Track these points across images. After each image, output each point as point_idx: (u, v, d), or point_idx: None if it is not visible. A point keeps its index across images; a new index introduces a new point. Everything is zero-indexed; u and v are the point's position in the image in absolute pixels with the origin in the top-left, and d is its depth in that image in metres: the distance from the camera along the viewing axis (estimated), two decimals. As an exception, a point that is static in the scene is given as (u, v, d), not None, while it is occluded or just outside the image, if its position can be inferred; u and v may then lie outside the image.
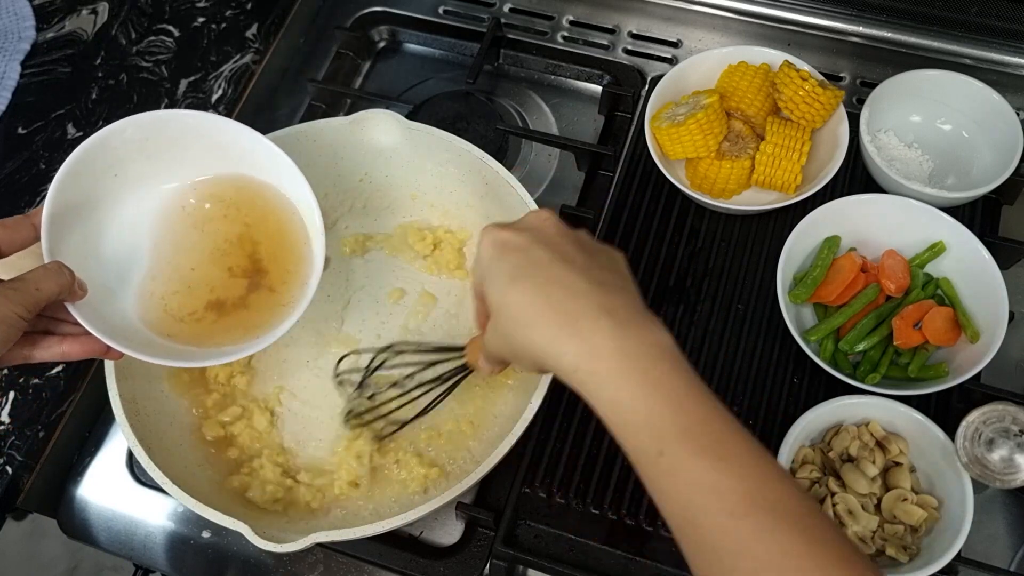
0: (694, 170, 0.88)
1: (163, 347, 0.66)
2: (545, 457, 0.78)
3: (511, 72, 1.02)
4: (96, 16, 1.03)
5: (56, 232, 0.61)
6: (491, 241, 0.57)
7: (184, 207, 0.70)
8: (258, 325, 0.68)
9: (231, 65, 0.99)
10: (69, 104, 0.96)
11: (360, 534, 0.64)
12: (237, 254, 0.70)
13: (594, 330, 0.50)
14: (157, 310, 0.67)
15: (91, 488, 0.81)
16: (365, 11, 1.06)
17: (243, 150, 0.68)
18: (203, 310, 0.68)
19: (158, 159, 0.67)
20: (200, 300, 0.68)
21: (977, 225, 0.85)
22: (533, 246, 0.55)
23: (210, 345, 0.67)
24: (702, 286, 0.85)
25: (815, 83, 0.83)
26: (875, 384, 0.75)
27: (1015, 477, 0.68)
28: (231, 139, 0.68)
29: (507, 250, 0.55)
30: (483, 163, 0.78)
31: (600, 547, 0.74)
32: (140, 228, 0.68)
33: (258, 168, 0.69)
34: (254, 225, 0.70)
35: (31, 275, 0.57)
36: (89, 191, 0.65)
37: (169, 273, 0.69)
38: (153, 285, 0.68)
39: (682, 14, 1.03)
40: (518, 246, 0.55)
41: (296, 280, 0.69)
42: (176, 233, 0.69)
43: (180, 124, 0.67)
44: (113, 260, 0.67)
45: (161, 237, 0.69)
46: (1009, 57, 0.96)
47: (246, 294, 0.69)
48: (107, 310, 0.64)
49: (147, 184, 0.68)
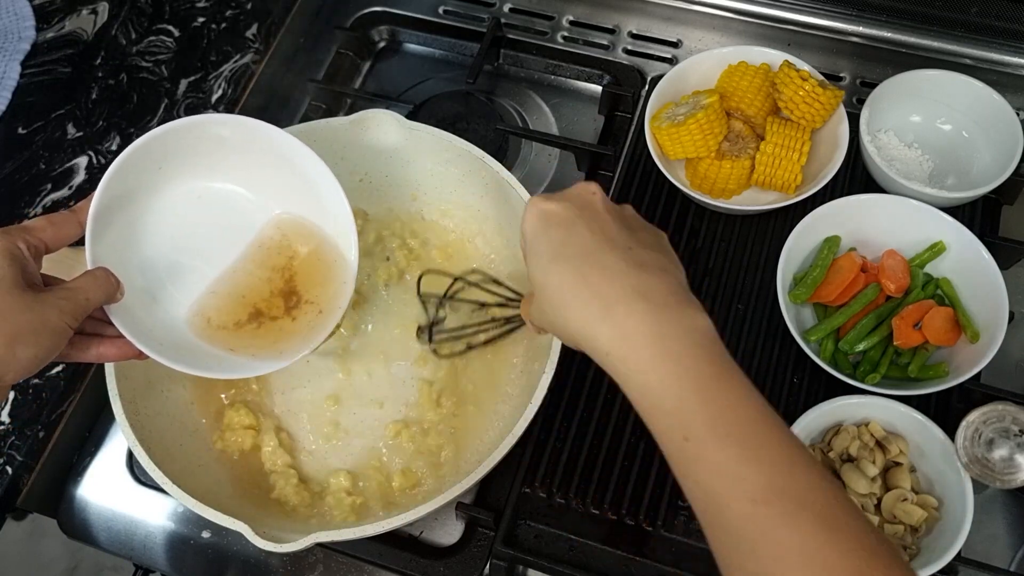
0: (694, 170, 0.88)
1: (200, 354, 0.67)
2: (545, 457, 0.78)
3: (511, 72, 1.02)
4: (96, 16, 1.03)
5: (100, 231, 0.61)
6: (536, 213, 0.56)
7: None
8: (289, 338, 0.69)
9: (231, 65, 0.99)
10: (69, 104, 0.96)
11: (360, 534, 0.64)
12: (279, 278, 0.72)
13: (628, 314, 0.50)
14: (201, 317, 0.69)
15: (91, 488, 0.81)
16: (365, 11, 1.06)
17: (308, 180, 0.69)
18: (245, 321, 0.70)
19: (213, 163, 0.68)
20: (242, 312, 0.70)
21: (977, 225, 0.85)
22: (577, 222, 0.55)
23: (243, 354, 0.68)
24: (702, 286, 0.85)
25: (815, 83, 0.83)
26: (875, 384, 0.75)
27: (1015, 477, 0.68)
28: (301, 167, 0.69)
29: (551, 224, 0.55)
30: (483, 163, 0.78)
31: (600, 547, 0.74)
32: (184, 229, 0.69)
33: (316, 198, 0.70)
34: (297, 256, 0.72)
35: (80, 284, 0.58)
36: (136, 187, 0.65)
37: (217, 283, 0.70)
38: (204, 294, 0.69)
39: (682, 14, 1.03)
40: (562, 220, 0.55)
41: (328, 302, 0.71)
42: (223, 243, 0.71)
43: (255, 136, 0.68)
44: (155, 262, 0.67)
45: (206, 245, 0.70)
46: (1009, 57, 0.96)
47: (284, 312, 0.71)
48: (142, 313, 0.65)
49: (195, 184, 0.69)
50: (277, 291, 0.71)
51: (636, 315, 0.50)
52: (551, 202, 0.56)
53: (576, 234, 0.54)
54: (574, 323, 0.52)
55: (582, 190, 0.58)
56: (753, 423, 0.48)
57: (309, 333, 0.69)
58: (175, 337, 0.67)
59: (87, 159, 0.93)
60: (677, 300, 0.52)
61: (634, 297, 0.51)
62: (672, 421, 0.49)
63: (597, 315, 0.51)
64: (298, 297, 0.71)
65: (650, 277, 0.52)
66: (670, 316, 0.51)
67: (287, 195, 0.71)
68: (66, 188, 0.91)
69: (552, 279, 0.54)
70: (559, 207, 0.56)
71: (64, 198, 0.91)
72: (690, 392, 0.49)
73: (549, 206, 0.56)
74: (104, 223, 0.62)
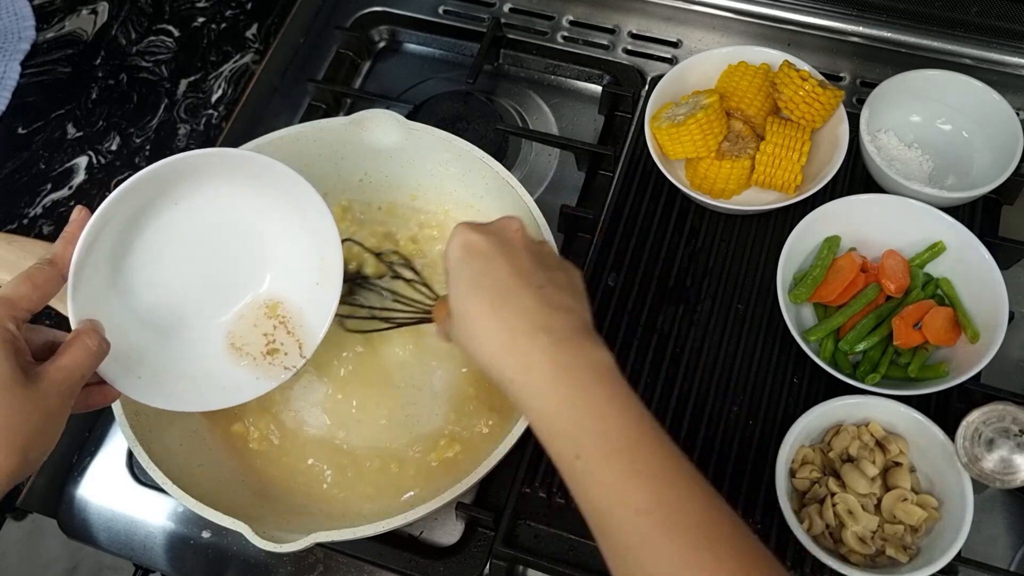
0: (694, 170, 0.88)
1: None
2: (545, 457, 0.76)
3: (511, 72, 1.02)
4: (96, 16, 1.03)
5: (83, 281, 0.60)
6: (461, 242, 0.59)
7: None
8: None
9: (231, 65, 0.99)
10: (69, 104, 0.97)
11: (360, 534, 0.64)
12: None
13: (532, 346, 0.54)
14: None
15: (91, 488, 0.81)
16: (365, 11, 1.06)
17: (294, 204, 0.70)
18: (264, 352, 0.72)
19: (198, 198, 0.68)
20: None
21: (977, 225, 0.85)
22: (497, 256, 0.58)
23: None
24: (702, 286, 0.85)
25: (815, 83, 0.83)
26: (875, 384, 0.75)
27: (1015, 477, 0.68)
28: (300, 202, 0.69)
29: (472, 255, 0.58)
30: (483, 163, 0.78)
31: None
32: (175, 267, 0.69)
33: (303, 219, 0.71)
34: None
35: (75, 359, 0.57)
36: (121, 231, 0.64)
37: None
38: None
39: (682, 14, 1.03)
40: (483, 253, 0.58)
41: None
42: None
43: (240, 166, 0.68)
44: (148, 305, 0.67)
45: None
46: (1009, 57, 0.96)
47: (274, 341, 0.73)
48: (145, 358, 0.66)
49: (185, 221, 0.68)
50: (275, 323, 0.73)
51: (539, 347, 0.54)
52: (475, 233, 0.59)
53: (495, 267, 0.58)
54: (484, 351, 0.56)
55: (506, 225, 0.61)
56: (640, 441, 0.52)
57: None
58: (183, 370, 0.68)
59: (87, 159, 0.93)
60: (578, 335, 0.55)
61: (539, 332, 0.54)
62: (565, 441, 0.52)
63: (505, 347, 0.55)
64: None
65: (557, 315, 0.56)
66: (570, 348, 0.54)
67: (278, 222, 0.72)
68: (66, 188, 0.91)
69: (469, 307, 0.57)
70: (482, 239, 0.59)
71: (64, 198, 0.91)
72: (581, 412, 0.52)
73: (473, 237, 0.59)
74: (88, 273, 0.60)
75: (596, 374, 0.54)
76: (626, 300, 0.84)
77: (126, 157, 0.93)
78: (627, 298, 0.84)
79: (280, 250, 0.73)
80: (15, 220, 0.89)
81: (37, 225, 0.89)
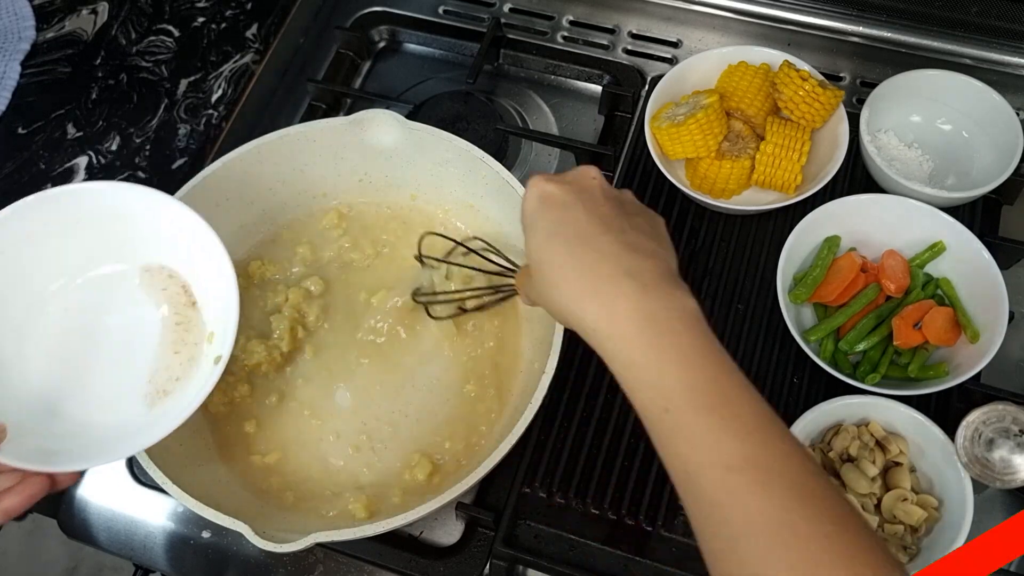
0: (694, 170, 0.88)
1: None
2: (545, 457, 0.78)
3: (511, 72, 1.02)
4: (96, 16, 1.03)
5: None
6: (536, 193, 0.58)
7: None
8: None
9: (231, 65, 0.99)
10: (69, 104, 0.97)
11: (360, 534, 0.64)
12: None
13: (616, 293, 0.52)
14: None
15: (91, 488, 0.81)
16: (365, 11, 1.06)
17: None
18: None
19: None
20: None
21: (977, 225, 0.85)
22: (575, 204, 0.56)
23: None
24: (702, 286, 0.85)
25: (815, 83, 0.83)
26: (875, 384, 0.75)
27: (1015, 477, 0.68)
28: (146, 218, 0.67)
29: (549, 205, 0.57)
30: (483, 163, 0.78)
31: (600, 547, 0.74)
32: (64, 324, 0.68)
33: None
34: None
35: None
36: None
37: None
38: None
39: (682, 14, 1.03)
40: (560, 202, 0.56)
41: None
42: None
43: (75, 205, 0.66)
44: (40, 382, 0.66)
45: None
46: (1009, 57, 0.96)
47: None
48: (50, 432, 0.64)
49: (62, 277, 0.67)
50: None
51: (624, 294, 0.52)
52: (551, 183, 0.58)
53: (573, 215, 0.56)
54: (564, 299, 0.54)
55: (583, 174, 0.59)
56: (731, 395, 0.50)
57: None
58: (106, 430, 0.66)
59: (87, 159, 0.93)
60: (665, 281, 0.53)
61: (623, 277, 0.52)
62: (653, 393, 0.50)
63: (586, 293, 0.53)
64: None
65: (640, 259, 0.54)
66: (657, 295, 0.52)
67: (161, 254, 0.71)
68: (66, 188, 0.91)
69: (546, 256, 0.55)
70: (558, 189, 0.57)
71: (64, 198, 0.91)
72: (671, 365, 0.50)
73: (549, 187, 0.57)
74: None
75: (685, 323, 0.51)
76: (626, 300, 0.84)
77: (126, 157, 0.93)
78: (627, 298, 0.84)
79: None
80: (15, 220, 0.89)
81: (37, 225, 0.89)
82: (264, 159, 0.80)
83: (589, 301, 0.53)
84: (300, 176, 0.83)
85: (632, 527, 0.75)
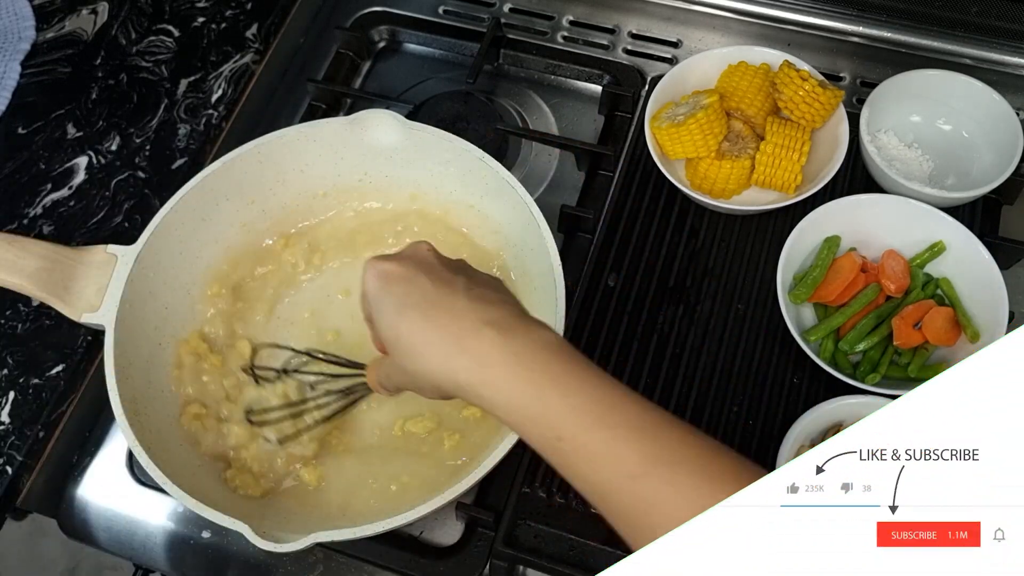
0: (694, 170, 0.88)
1: None
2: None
3: (511, 72, 1.02)
4: (96, 16, 1.03)
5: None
6: (376, 274, 0.58)
7: None
8: None
9: (231, 65, 0.99)
10: (69, 104, 0.96)
11: (360, 534, 0.64)
12: None
13: (479, 343, 0.53)
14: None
15: (91, 488, 0.81)
16: (365, 11, 1.06)
17: None
18: None
19: None
20: None
21: (977, 225, 0.85)
22: (416, 275, 0.57)
23: None
24: (702, 286, 0.85)
25: (815, 83, 0.83)
26: (875, 384, 0.75)
27: (1015, 477, 0.68)
28: None
29: (391, 280, 0.58)
30: (483, 163, 0.78)
31: (600, 547, 0.74)
32: None
33: None
34: None
35: None
36: None
37: None
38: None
39: (682, 14, 1.03)
40: (401, 276, 0.58)
41: None
42: None
43: None
44: None
45: None
46: (1009, 57, 0.96)
47: None
48: None
49: None
50: None
51: (488, 341, 0.53)
52: (388, 262, 0.59)
53: (417, 285, 0.57)
54: (431, 365, 0.55)
55: (415, 248, 0.61)
56: (613, 404, 0.51)
57: None
58: None
59: (87, 159, 0.93)
60: (522, 322, 0.55)
61: (483, 327, 0.54)
62: (541, 427, 0.52)
63: (452, 351, 0.54)
64: None
65: (493, 308, 0.55)
66: (517, 335, 0.54)
67: None
68: (66, 188, 0.91)
69: (403, 328, 0.56)
70: (397, 265, 0.58)
71: (64, 198, 0.91)
72: (549, 392, 0.51)
73: (387, 266, 0.58)
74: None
75: (552, 352, 0.53)
76: (626, 300, 0.84)
77: (126, 157, 0.93)
78: (627, 298, 0.84)
79: None
80: (15, 220, 0.89)
81: (37, 225, 0.89)
82: (264, 159, 0.80)
83: (456, 359, 0.53)
84: (300, 176, 0.83)
85: (632, 527, 0.75)
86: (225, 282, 0.81)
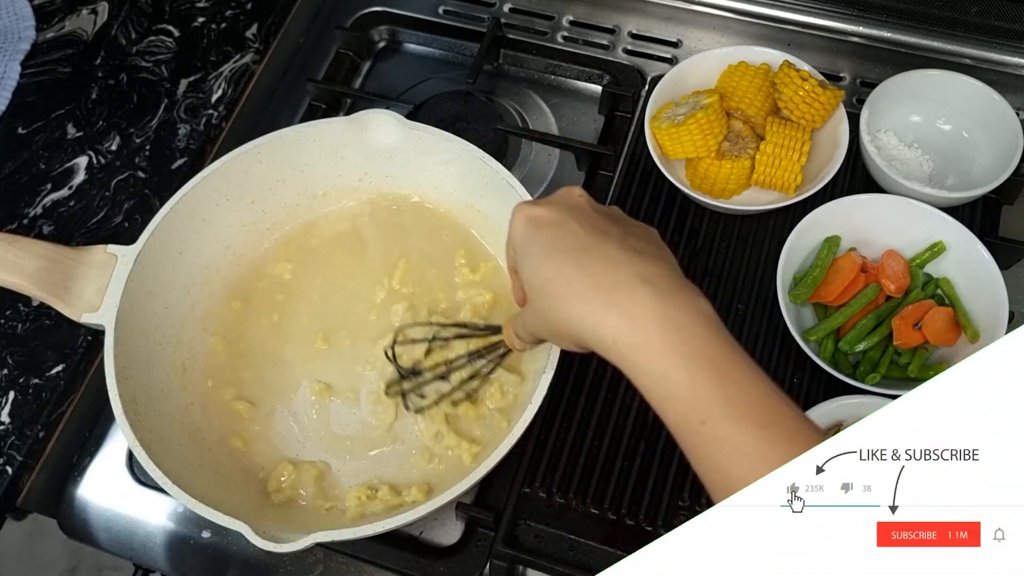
0: (694, 170, 0.88)
1: None
2: (545, 457, 0.78)
3: (511, 72, 1.02)
4: (96, 16, 1.03)
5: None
6: (524, 218, 0.56)
7: None
8: None
9: (231, 65, 0.99)
10: (69, 104, 0.96)
11: (360, 534, 0.64)
12: None
13: (634, 301, 0.50)
14: None
15: (91, 488, 0.81)
16: (365, 11, 1.06)
17: None
18: None
19: None
20: None
21: (977, 225, 0.85)
22: (567, 220, 0.54)
23: None
24: (702, 286, 0.85)
25: (815, 83, 0.83)
26: (875, 384, 0.75)
27: (1015, 477, 0.68)
28: None
29: (541, 225, 0.55)
30: (483, 163, 0.78)
31: (600, 547, 0.74)
32: None
33: None
34: None
35: None
36: None
37: None
38: None
39: (682, 14, 1.03)
40: (552, 221, 0.55)
41: None
42: None
43: None
44: None
45: None
46: (1009, 57, 0.96)
47: None
48: None
49: None
50: None
51: (643, 301, 0.49)
52: (538, 206, 0.56)
53: (568, 230, 0.54)
54: (576, 315, 0.51)
55: (567, 194, 0.58)
56: (766, 401, 0.48)
57: None
58: None
59: (87, 159, 0.93)
60: (679, 285, 0.51)
61: (638, 283, 0.50)
62: (686, 406, 0.48)
63: (601, 303, 0.50)
64: None
65: (651, 264, 0.52)
66: (676, 301, 0.50)
67: None
68: (66, 188, 0.91)
69: (550, 273, 0.53)
70: (546, 209, 0.56)
71: (64, 198, 0.91)
72: (703, 374, 0.48)
73: (536, 210, 0.56)
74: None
75: (709, 329, 0.49)
76: (626, 300, 0.84)
77: (126, 157, 0.93)
78: (627, 298, 0.84)
79: None
80: (15, 220, 0.89)
81: (37, 225, 0.89)
82: (264, 159, 0.80)
83: (606, 312, 0.50)
84: (300, 176, 0.83)
85: (632, 527, 0.75)
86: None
